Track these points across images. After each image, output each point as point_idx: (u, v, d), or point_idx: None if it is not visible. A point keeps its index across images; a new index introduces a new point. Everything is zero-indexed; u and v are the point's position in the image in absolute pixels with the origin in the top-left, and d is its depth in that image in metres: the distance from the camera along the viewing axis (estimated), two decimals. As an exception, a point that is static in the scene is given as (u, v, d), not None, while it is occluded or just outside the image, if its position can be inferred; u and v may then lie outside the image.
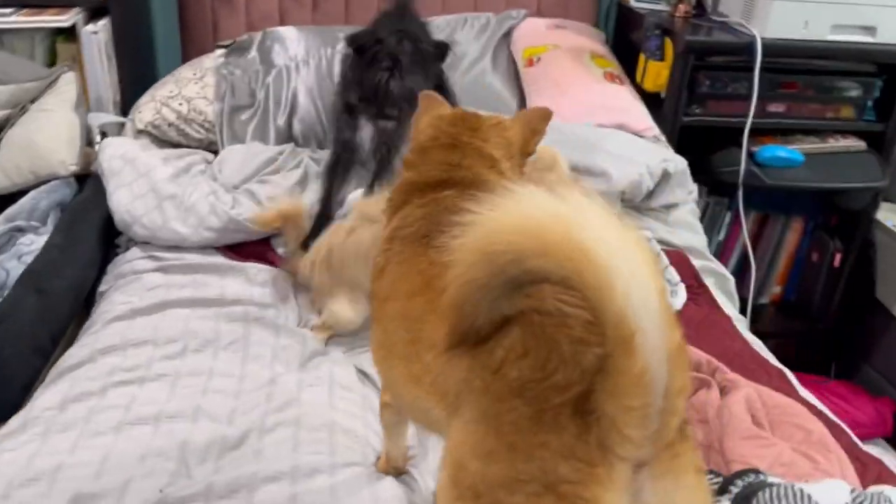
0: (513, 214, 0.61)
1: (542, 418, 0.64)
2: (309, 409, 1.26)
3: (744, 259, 2.55)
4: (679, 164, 2.02)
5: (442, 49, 1.93)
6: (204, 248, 1.77)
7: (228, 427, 1.20)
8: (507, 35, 2.60)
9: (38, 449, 1.13)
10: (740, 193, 2.34)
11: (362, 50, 1.73)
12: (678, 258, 1.82)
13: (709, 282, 1.89)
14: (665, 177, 1.98)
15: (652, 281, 0.58)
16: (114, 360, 1.38)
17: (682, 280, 1.75)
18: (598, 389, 0.62)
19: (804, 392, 1.46)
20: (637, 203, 2.00)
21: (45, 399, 1.27)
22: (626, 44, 2.69)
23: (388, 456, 1.15)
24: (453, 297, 0.67)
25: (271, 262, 1.77)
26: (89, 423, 1.19)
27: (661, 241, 1.95)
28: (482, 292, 0.65)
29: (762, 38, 2.22)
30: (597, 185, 1.85)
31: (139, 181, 1.86)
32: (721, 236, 2.63)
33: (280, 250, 1.79)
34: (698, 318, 1.66)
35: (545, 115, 1.11)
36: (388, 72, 1.69)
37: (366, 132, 1.76)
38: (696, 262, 1.92)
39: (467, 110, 1.09)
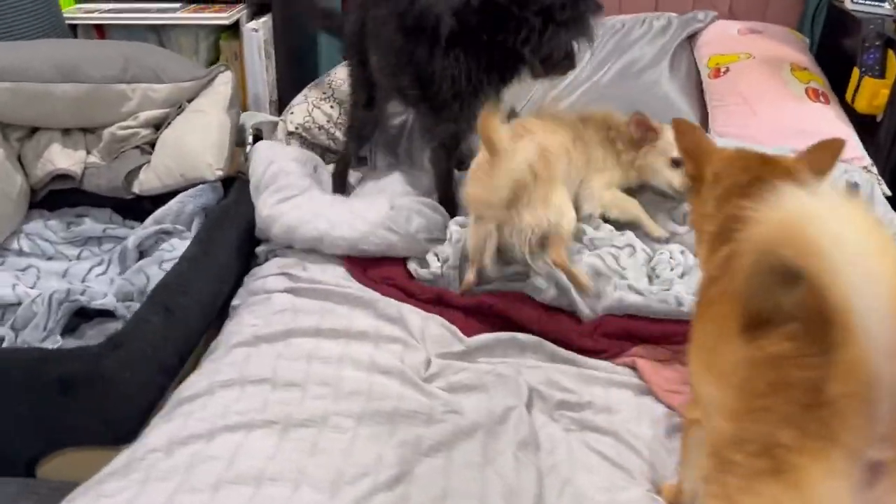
0: (775, 211, 0.65)
1: (778, 386, 0.69)
2: (423, 485, 1.11)
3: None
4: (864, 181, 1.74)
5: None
6: (338, 256, 1.71)
7: (330, 501, 1.07)
8: (691, 39, 2.31)
9: (133, 498, 1.06)
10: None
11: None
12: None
13: None
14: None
15: (885, 274, 0.57)
16: (229, 397, 1.29)
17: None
18: (829, 376, 0.64)
19: None
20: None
21: (154, 437, 1.21)
22: (834, 53, 2.30)
23: (680, 487, 1.10)
24: (739, 285, 0.75)
25: (403, 290, 1.65)
26: (190, 475, 1.11)
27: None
28: (757, 278, 0.71)
29: None
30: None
31: (287, 182, 1.82)
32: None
33: (414, 266, 1.69)
34: None
35: (836, 150, 1.10)
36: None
37: None
38: None
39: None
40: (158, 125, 2.02)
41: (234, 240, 1.78)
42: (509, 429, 1.25)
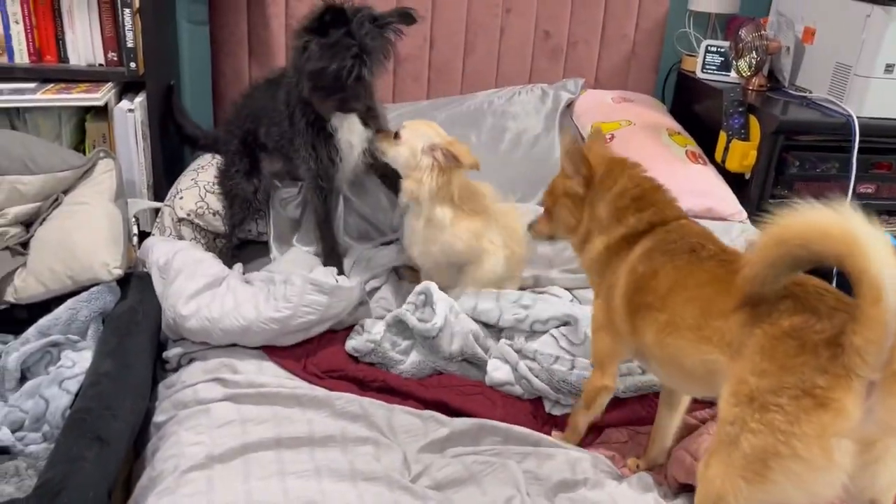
0: (803, 218, 0.96)
1: (804, 348, 0.99)
2: None
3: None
4: None
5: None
6: (266, 353, 1.61)
7: None
8: (569, 107, 2.43)
9: None
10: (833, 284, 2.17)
11: (325, 33, 1.60)
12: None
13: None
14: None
15: (894, 261, 0.89)
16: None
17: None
18: (847, 331, 0.94)
19: None
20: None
21: None
22: (687, 115, 2.53)
23: (576, 428, 1.42)
24: (750, 271, 1.05)
25: (354, 380, 1.55)
26: None
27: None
28: (771, 268, 1.02)
29: (858, 118, 2.08)
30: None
31: (200, 270, 1.69)
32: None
33: (352, 346, 1.63)
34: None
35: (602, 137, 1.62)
36: (356, 60, 1.61)
37: None
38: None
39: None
40: (30, 222, 1.77)
41: (147, 346, 1.58)
42: (515, 521, 1.20)
